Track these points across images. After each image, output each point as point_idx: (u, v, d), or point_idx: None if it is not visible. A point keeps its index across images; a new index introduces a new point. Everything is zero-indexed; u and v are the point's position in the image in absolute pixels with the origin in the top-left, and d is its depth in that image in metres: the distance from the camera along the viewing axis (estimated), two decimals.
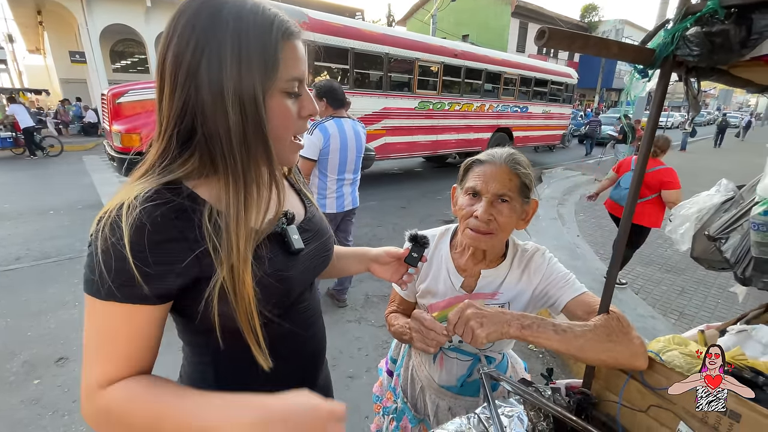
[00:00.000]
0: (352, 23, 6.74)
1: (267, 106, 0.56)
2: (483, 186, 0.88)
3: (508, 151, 0.93)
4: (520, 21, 25.07)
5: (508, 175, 0.88)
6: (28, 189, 6.88)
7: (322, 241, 0.76)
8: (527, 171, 0.91)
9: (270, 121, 0.57)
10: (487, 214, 0.87)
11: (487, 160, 0.92)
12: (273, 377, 0.69)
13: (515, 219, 0.89)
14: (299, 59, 0.59)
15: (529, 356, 2.61)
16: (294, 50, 0.58)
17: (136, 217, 0.50)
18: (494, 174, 0.88)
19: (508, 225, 0.89)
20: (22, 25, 17.89)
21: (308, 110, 0.62)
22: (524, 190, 0.90)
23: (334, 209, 2.75)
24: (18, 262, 3.88)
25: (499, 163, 0.89)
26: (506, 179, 0.87)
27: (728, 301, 3.41)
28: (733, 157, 13.08)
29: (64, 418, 2.02)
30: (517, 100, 9.93)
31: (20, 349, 2.56)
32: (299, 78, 0.59)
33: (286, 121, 0.59)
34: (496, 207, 0.88)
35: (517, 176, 0.88)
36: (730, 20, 0.61)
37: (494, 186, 0.87)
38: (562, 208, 6.25)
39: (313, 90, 2.65)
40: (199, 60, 0.52)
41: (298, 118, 0.61)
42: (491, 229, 0.88)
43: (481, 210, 0.87)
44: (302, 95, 0.61)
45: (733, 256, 1.28)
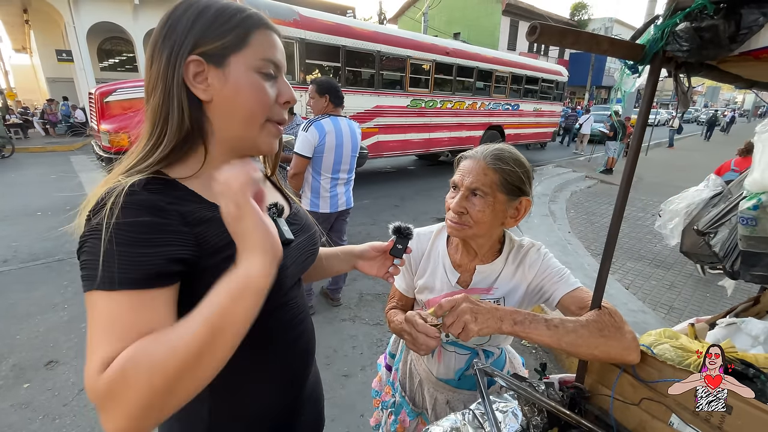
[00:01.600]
0: (343, 21, 6.71)
1: (237, 78, 0.59)
2: (459, 180, 0.92)
3: (495, 148, 0.93)
4: (511, 19, 25.21)
5: (484, 170, 0.89)
6: (15, 190, 6.74)
7: (309, 234, 0.78)
8: (510, 167, 0.89)
9: (242, 94, 0.59)
10: (459, 206, 0.90)
11: (470, 155, 0.94)
12: (263, 374, 0.69)
13: (492, 214, 0.89)
14: (275, 47, 0.62)
15: (522, 352, 2.63)
16: (268, 36, 0.62)
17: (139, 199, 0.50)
18: (471, 169, 0.90)
19: (482, 219, 0.89)
20: (7, 23, 17.55)
21: (286, 96, 0.64)
22: (507, 187, 0.89)
23: (327, 209, 2.73)
24: (5, 264, 3.81)
25: (479, 158, 0.91)
26: (481, 174, 0.88)
27: (716, 295, 3.47)
28: (720, 152, 13.30)
29: (55, 422, 1.99)
30: (509, 98, 9.98)
31: (9, 353, 2.51)
32: (274, 62, 0.62)
33: (261, 98, 0.61)
34: (469, 200, 0.90)
35: (495, 172, 0.88)
36: (719, 15, 0.62)
37: (468, 180, 0.89)
38: (554, 205, 6.30)
39: (313, 86, 2.62)
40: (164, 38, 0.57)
41: (275, 103, 0.63)
42: (463, 222, 0.90)
43: (454, 202, 0.91)
44: (279, 80, 0.64)
45: (721, 250, 1.30)
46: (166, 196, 0.54)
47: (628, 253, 4.46)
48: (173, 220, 0.52)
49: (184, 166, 0.60)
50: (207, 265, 0.55)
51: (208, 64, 0.57)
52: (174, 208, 0.53)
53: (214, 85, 0.58)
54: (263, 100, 0.61)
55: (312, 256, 0.78)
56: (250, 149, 0.66)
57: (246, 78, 0.59)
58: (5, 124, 12.59)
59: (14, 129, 13.19)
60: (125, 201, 0.49)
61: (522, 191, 0.91)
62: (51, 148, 11.40)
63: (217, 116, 0.60)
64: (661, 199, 3.16)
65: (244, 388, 0.68)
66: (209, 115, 0.60)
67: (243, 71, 0.59)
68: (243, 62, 0.59)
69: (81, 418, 2.01)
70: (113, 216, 0.48)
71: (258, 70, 0.60)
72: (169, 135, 0.57)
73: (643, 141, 0.80)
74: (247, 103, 0.60)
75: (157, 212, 0.51)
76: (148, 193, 0.52)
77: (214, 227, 0.56)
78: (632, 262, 4.21)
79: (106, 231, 0.48)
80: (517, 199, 0.91)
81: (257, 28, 0.60)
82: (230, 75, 0.58)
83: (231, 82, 0.58)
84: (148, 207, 0.51)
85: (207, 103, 0.59)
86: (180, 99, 0.57)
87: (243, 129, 0.62)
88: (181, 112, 0.57)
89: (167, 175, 0.57)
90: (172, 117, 0.57)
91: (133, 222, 0.49)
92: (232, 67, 0.58)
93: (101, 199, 0.50)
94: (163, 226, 0.51)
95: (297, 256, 0.71)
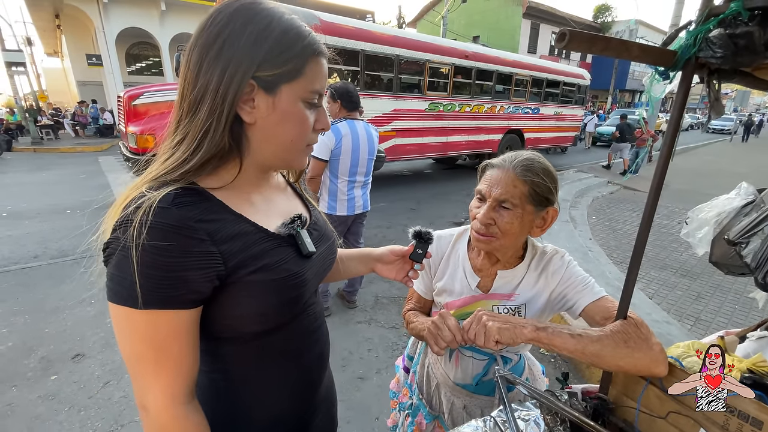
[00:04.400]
0: (362, 25, 6.77)
1: (285, 108, 0.59)
2: (487, 190, 0.89)
3: (523, 156, 0.90)
4: (532, 22, 24.88)
5: (513, 181, 0.86)
6: (47, 189, 7.03)
7: (328, 243, 0.77)
8: (540, 179, 0.87)
9: (287, 123, 0.60)
10: (486, 218, 0.87)
11: (498, 164, 0.91)
12: (281, 381, 0.70)
13: (520, 225, 0.87)
14: (323, 75, 0.62)
15: (541, 360, 2.58)
16: (319, 65, 0.61)
17: (168, 221, 0.50)
18: (499, 179, 0.88)
19: (511, 230, 0.87)
20: (40, 28, 18.33)
21: (322, 124, 0.66)
22: (536, 198, 0.87)
23: (344, 212, 2.75)
24: (36, 260, 3.97)
25: (507, 168, 0.88)
26: (510, 186, 0.86)
27: (746, 307, 3.33)
28: (751, 159, 12.80)
29: (81, 414, 2.06)
30: (529, 101, 9.85)
31: (38, 346, 2.61)
32: (320, 92, 0.62)
33: (303, 128, 0.62)
34: (497, 212, 0.88)
35: (524, 183, 0.86)
36: (754, 22, 0.60)
37: (497, 191, 0.87)
38: (574, 211, 6.18)
39: (328, 91, 2.66)
40: (219, 51, 0.54)
41: (312, 130, 0.64)
42: (491, 233, 0.88)
43: (481, 213, 0.88)
44: (320, 108, 0.65)
45: (753, 261, 1.25)
46: (196, 211, 0.54)
47: (652, 261, 4.34)
48: (201, 240, 0.53)
49: (216, 177, 0.60)
50: (233, 279, 0.56)
51: (258, 87, 0.57)
52: (202, 227, 0.53)
53: (261, 109, 0.58)
54: (305, 130, 0.62)
55: (331, 264, 0.79)
56: (282, 168, 0.70)
57: (293, 108, 0.59)
58: (37, 125, 13.17)
59: (45, 130, 13.75)
60: (153, 221, 0.49)
61: (549, 201, 0.90)
62: (80, 148, 11.85)
63: (256, 138, 0.60)
64: (686, 206, 3.07)
65: (260, 394, 0.69)
66: (249, 134, 0.60)
67: (292, 101, 0.59)
68: (293, 93, 0.59)
69: (105, 411, 2.08)
70: (141, 236, 0.48)
71: (305, 100, 0.61)
72: (205, 149, 0.56)
73: (673, 148, 0.78)
74: (290, 132, 0.61)
75: (185, 233, 0.51)
76: (178, 209, 0.52)
77: (240, 242, 0.57)
78: (656, 271, 4.09)
79: (135, 251, 0.48)
80: (544, 209, 0.90)
81: (312, 57, 0.60)
82: (279, 103, 0.58)
83: (278, 111, 0.58)
84: (177, 228, 0.51)
85: (248, 124, 0.59)
86: (228, 119, 0.56)
87: (280, 152, 0.63)
88: (223, 131, 0.56)
89: (198, 185, 0.57)
90: (213, 133, 0.55)
91: (160, 246, 0.49)
92: (283, 95, 0.58)
93: (130, 214, 0.50)
94: (191, 248, 0.51)
95: (317, 266, 0.71)
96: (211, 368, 0.66)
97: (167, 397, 0.54)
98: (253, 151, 0.62)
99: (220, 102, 0.54)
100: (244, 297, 0.58)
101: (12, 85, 13.42)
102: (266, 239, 0.61)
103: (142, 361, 0.53)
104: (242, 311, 0.59)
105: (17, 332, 2.77)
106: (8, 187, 7.12)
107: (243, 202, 0.63)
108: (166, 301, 0.51)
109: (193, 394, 0.58)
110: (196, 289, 0.53)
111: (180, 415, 0.55)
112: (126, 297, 0.50)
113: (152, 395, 0.54)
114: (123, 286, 0.50)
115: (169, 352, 0.53)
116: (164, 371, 0.54)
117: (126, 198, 0.53)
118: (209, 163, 0.57)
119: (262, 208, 0.66)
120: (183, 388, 0.56)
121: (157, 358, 0.53)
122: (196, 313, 0.56)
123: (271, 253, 0.61)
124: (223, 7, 0.56)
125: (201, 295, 0.54)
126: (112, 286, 0.51)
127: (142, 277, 0.49)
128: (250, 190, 0.66)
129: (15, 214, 5.47)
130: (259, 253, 0.59)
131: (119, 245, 0.50)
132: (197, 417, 0.58)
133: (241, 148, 0.60)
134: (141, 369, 0.53)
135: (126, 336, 0.52)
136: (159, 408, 0.54)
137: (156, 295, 0.50)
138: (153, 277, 0.49)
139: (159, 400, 0.54)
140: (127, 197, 0.53)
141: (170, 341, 0.53)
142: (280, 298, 0.62)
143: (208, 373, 0.66)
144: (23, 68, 13.59)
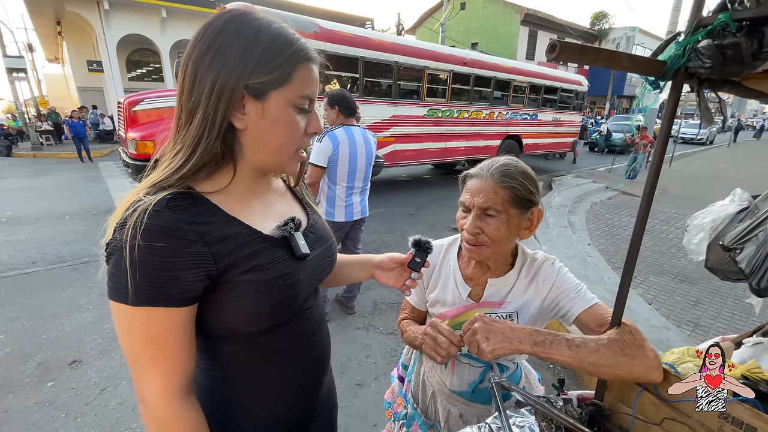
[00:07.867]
0: (362, 32, 6.81)
1: (274, 113, 0.60)
2: (470, 200, 0.90)
3: (500, 163, 0.91)
4: (530, 29, 25.10)
5: (493, 188, 0.87)
6: (45, 194, 7.03)
7: (325, 246, 0.78)
8: (518, 183, 0.88)
9: (277, 128, 0.61)
10: (474, 227, 0.89)
11: (476, 173, 0.92)
12: (280, 382, 0.71)
13: (507, 230, 0.88)
14: (313, 80, 0.64)
15: (539, 367, 2.58)
16: (309, 71, 0.63)
17: (160, 223, 0.52)
18: (480, 188, 0.89)
19: (499, 236, 0.88)
20: (41, 35, 18.46)
21: (314, 128, 0.67)
22: (518, 201, 0.88)
23: (342, 218, 2.76)
24: (34, 265, 3.97)
25: (486, 176, 0.89)
26: (491, 193, 0.87)
27: (744, 313, 3.33)
28: (747, 165, 12.84)
29: (77, 421, 2.05)
30: (527, 107, 9.90)
31: (35, 352, 2.61)
32: (310, 97, 0.64)
33: (293, 133, 0.63)
34: (483, 220, 0.88)
35: (504, 189, 0.87)
36: (742, 33, 0.61)
37: (479, 200, 0.88)
38: (573, 216, 6.19)
39: (325, 98, 2.68)
40: (210, 62, 0.56)
41: (304, 135, 0.66)
42: (481, 242, 0.89)
43: (468, 224, 0.90)
44: (311, 113, 0.66)
45: (748, 267, 1.26)
46: (189, 214, 0.56)
47: (651, 267, 4.34)
48: (192, 242, 0.54)
49: (212, 182, 0.62)
50: (225, 279, 0.58)
51: (248, 95, 0.58)
52: (194, 228, 0.55)
53: (251, 115, 0.60)
54: (295, 135, 0.64)
55: (329, 267, 0.80)
56: (275, 171, 0.72)
57: (283, 113, 0.61)
58: (37, 130, 13.20)
59: (45, 135, 13.77)
60: (147, 223, 0.51)
61: (532, 202, 0.91)
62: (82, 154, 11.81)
63: (248, 143, 0.62)
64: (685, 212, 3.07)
65: (258, 393, 0.70)
66: (241, 140, 0.62)
67: (281, 107, 0.60)
68: (282, 98, 0.60)
69: (102, 418, 2.07)
70: (135, 237, 0.51)
71: (294, 105, 0.62)
72: (199, 156, 0.58)
73: (665, 153, 0.79)
74: (280, 137, 0.62)
75: (177, 234, 0.53)
76: (171, 212, 0.54)
77: (232, 244, 0.59)
78: (655, 277, 4.09)
79: (130, 252, 0.51)
80: (528, 210, 0.91)
81: (301, 63, 0.61)
82: (268, 109, 0.60)
83: (268, 116, 0.60)
84: (169, 229, 0.53)
85: (240, 130, 0.61)
86: (221, 127, 0.58)
87: (272, 157, 0.64)
88: (216, 138, 0.58)
89: (194, 189, 0.59)
90: (207, 141, 0.58)
91: (153, 246, 0.51)
92: (272, 101, 0.60)
93: (127, 216, 0.53)
94: (182, 249, 0.53)
95: (313, 268, 0.72)
96: (210, 366, 0.68)
97: (163, 391, 0.56)
98: (246, 156, 0.64)
99: (212, 111, 0.57)
100: (237, 296, 0.60)
101: (13, 90, 13.49)
102: (259, 241, 0.63)
103: (140, 356, 0.56)
104: (236, 310, 0.61)
105: (15, 338, 2.76)
106: (7, 192, 7.12)
107: (240, 205, 0.64)
108: (159, 299, 0.53)
109: (190, 389, 0.60)
110: (187, 288, 0.55)
111: (176, 409, 0.57)
112: (123, 294, 0.52)
113: (149, 389, 0.56)
114: (120, 284, 0.52)
115: (164, 348, 0.56)
116: (160, 366, 0.56)
117: (128, 202, 0.56)
118: (204, 169, 0.59)
119: (259, 211, 0.68)
120: (178, 382, 0.58)
121: (153, 353, 0.55)
122: (190, 311, 0.58)
123: (264, 254, 0.62)
124: (214, 20, 0.58)
125: (193, 293, 0.56)
126: (111, 284, 0.54)
127: (136, 275, 0.51)
128: (248, 194, 0.67)
129: (14, 219, 5.46)
130: (252, 254, 0.61)
131: (117, 245, 0.52)
132: (193, 412, 0.60)
133: (234, 154, 0.63)
134: (139, 364, 0.56)
135: (124, 332, 0.55)
136: (156, 401, 0.56)
137: (149, 293, 0.52)
138: (146, 276, 0.52)
139: (156, 393, 0.56)
140: (129, 201, 0.56)
141: (164, 337, 0.55)
142: (273, 297, 0.63)
143: (208, 371, 0.68)
144: (24, 74, 13.66)
